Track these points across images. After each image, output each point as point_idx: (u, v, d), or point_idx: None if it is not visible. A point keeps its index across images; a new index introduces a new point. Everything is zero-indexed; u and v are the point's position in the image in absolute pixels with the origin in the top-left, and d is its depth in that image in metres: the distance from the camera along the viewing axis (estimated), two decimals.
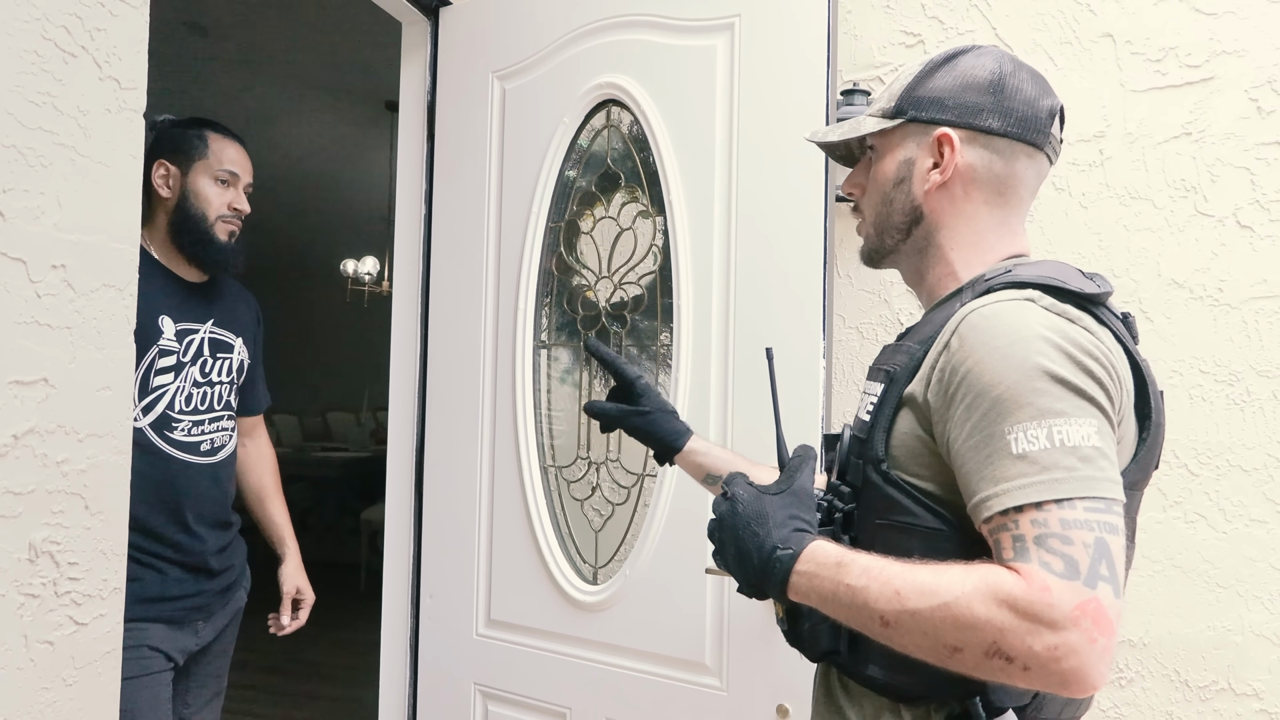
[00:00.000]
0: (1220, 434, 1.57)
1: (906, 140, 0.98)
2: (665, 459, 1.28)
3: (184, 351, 1.70)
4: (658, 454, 1.28)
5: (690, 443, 1.26)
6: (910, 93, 0.97)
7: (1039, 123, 0.94)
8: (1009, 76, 0.94)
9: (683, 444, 1.26)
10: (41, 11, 1.02)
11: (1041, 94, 0.95)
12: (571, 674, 1.79)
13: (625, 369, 1.27)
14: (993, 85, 0.94)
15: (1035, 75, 0.96)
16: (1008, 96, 0.94)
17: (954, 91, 0.95)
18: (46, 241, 1.03)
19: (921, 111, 0.96)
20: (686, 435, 1.27)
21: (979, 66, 0.95)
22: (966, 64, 0.96)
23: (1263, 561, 1.54)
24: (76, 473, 1.08)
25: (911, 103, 0.97)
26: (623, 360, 1.28)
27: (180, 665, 1.70)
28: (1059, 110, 0.96)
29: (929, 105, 0.96)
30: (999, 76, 0.94)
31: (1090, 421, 0.77)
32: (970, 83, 0.95)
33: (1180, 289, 1.61)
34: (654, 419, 1.26)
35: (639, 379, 1.27)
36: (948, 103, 0.95)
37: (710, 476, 1.26)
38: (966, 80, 0.95)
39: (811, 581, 0.83)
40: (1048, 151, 0.97)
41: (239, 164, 1.77)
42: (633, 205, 1.83)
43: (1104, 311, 0.88)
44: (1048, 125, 0.95)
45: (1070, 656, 0.69)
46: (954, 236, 0.97)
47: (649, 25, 1.75)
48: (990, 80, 0.94)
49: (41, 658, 1.05)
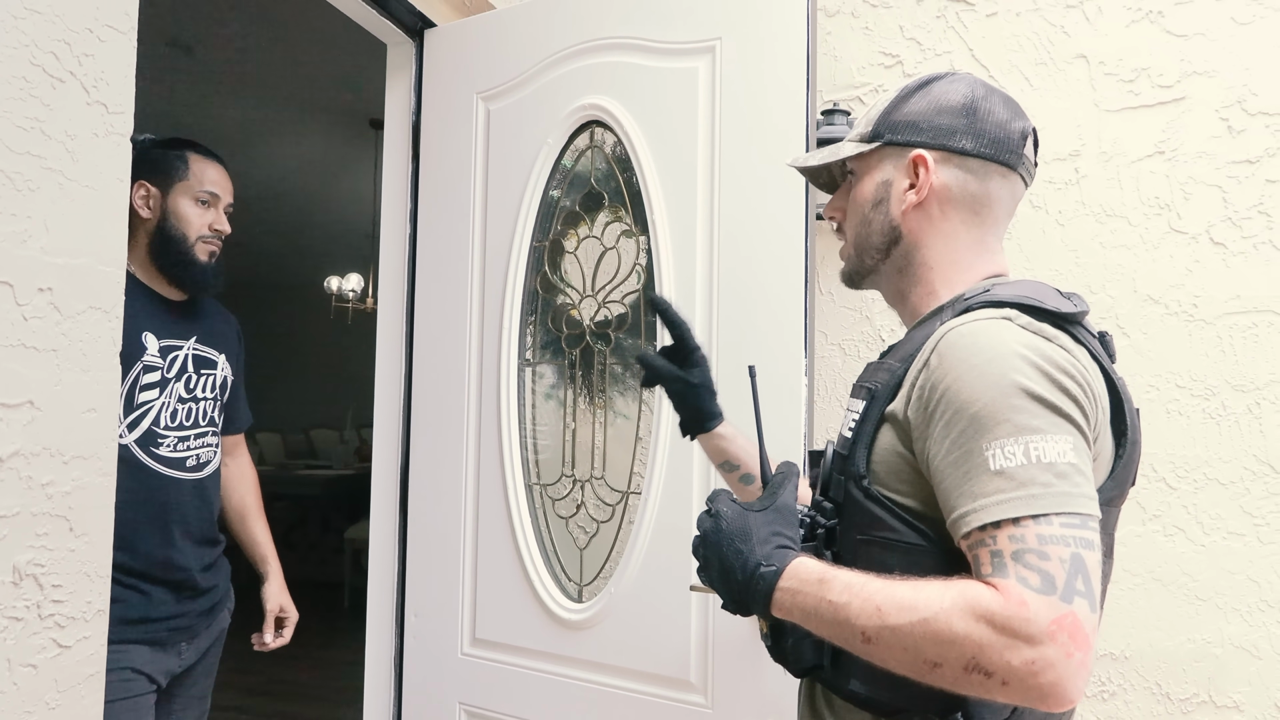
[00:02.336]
0: (1197, 448, 1.60)
1: (883, 163, 1.01)
2: (691, 432, 1.28)
3: (168, 368, 1.70)
4: (686, 425, 1.29)
5: (720, 427, 1.27)
6: (886, 117, 1.00)
7: (1011, 143, 0.97)
8: (981, 100, 0.97)
9: (714, 426, 1.27)
10: (30, 38, 1.03)
11: (1013, 117, 0.98)
12: (557, 692, 1.79)
13: (689, 335, 1.27)
14: (965, 108, 0.97)
15: (1007, 99, 0.99)
16: (980, 119, 0.96)
17: (928, 115, 0.98)
18: (34, 265, 1.04)
19: (897, 135, 0.99)
20: (719, 419, 1.28)
21: (952, 91, 0.98)
22: (940, 89, 0.99)
23: (1241, 574, 1.56)
24: (61, 495, 1.08)
25: (888, 126, 1.00)
26: (688, 326, 1.27)
27: (163, 687, 1.69)
28: (1031, 132, 0.99)
29: (904, 129, 0.99)
30: (971, 100, 0.97)
31: (1066, 439, 0.78)
32: (944, 106, 0.97)
33: (1156, 305, 1.63)
34: (698, 390, 1.26)
35: (698, 350, 1.27)
36: (922, 125, 0.98)
37: (729, 463, 1.27)
38: (940, 104, 0.98)
39: (794, 598, 0.84)
40: (1021, 172, 0.99)
41: (219, 184, 1.77)
42: (616, 224, 1.85)
43: (1080, 330, 0.89)
44: (1020, 146, 0.97)
45: (1047, 671, 0.70)
46: (932, 255, 0.99)
47: (632, 48, 1.78)
48: (963, 104, 0.97)
49: (25, 681, 1.04)
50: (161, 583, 1.66)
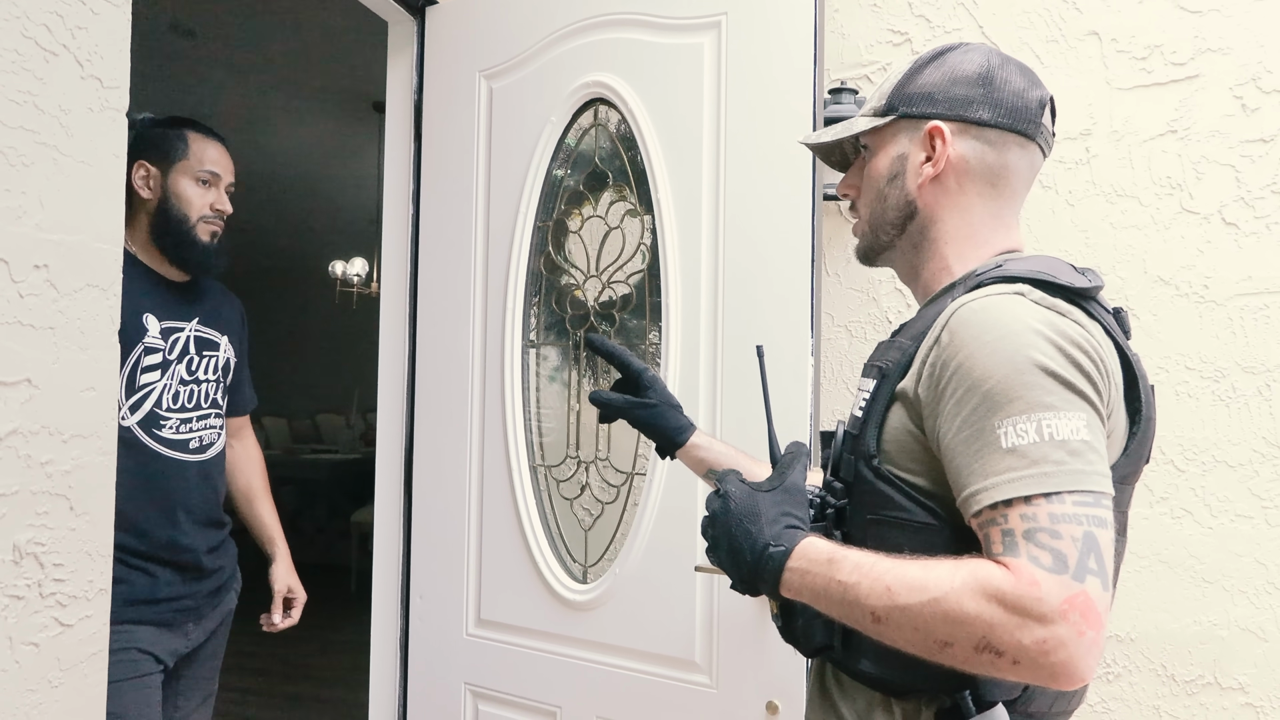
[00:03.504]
0: (1206, 430, 1.58)
1: (899, 136, 0.99)
2: (667, 453, 1.27)
3: (170, 349, 1.69)
4: (660, 447, 1.27)
5: (693, 438, 1.26)
6: (900, 90, 0.98)
7: (1029, 113, 0.95)
8: (997, 69, 0.95)
9: (685, 439, 1.25)
10: (21, 10, 1.01)
11: (1030, 85, 0.96)
12: (562, 673, 1.79)
13: (631, 361, 1.26)
14: (981, 78, 0.95)
15: (1023, 68, 0.97)
16: (997, 88, 0.95)
17: (943, 86, 0.96)
18: (28, 242, 1.03)
19: (912, 107, 0.97)
20: (690, 430, 1.26)
21: (967, 61, 0.96)
22: (955, 59, 0.97)
23: (1248, 556, 1.55)
24: (61, 474, 1.07)
25: (902, 99, 0.98)
26: (628, 353, 1.27)
27: (170, 668, 1.69)
28: (1049, 101, 0.97)
29: (919, 100, 0.97)
30: (987, 69, 0.95)
31: (1079, 415, 0.77)
32: (959, 77, 0.96)
33: (1166, 286, 1.61)
34: (659, 411, 1.25)
35: (645, 371, 1.26)
36: (937, 97, 0.96)
37: (712, 472, 1.24)
38: (955, 74, 0.96)
39: (804, 578, 0.84)
40: (1039, 142, 0.97)
41: (220, 164, 1.75)
42: (621, 204, 1.83)
43: (1094, 306, 0.88)
44: (1038, 115, 0.96)
45: (1059, 650, 0.70)
46: (948, 230, 0.98)
47: (635, 23, 1.75)
48: (979, 73, 0.95)
49: (26, 660, 1.04)
50: (167, 564, 1.66)
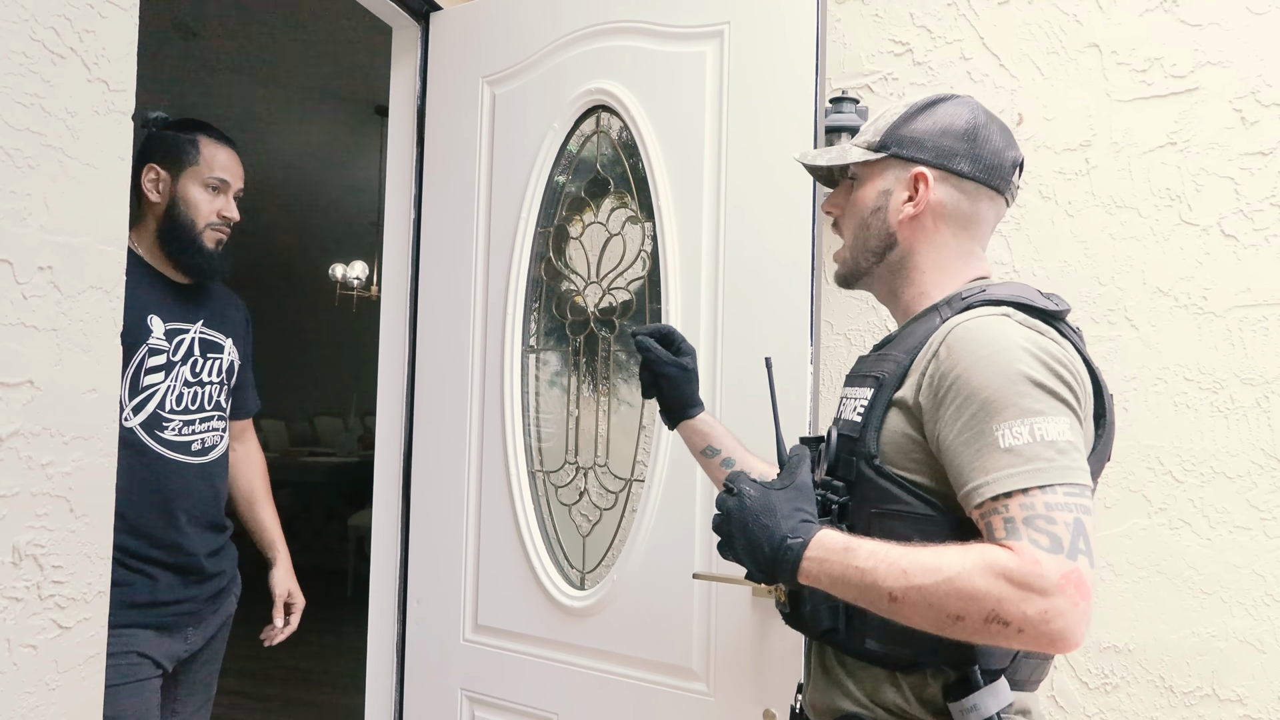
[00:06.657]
0: (1204, 441, 1.59)
1: (886, 173, 1.10)
2: (674, 420, 1.38)
3: (174, 351, 1.69)
4: (670, 413, 1.38)
5: (702, 414, 1.38)
6: (894, 131, 1.09)
7: (1003, 171, 1.08)
8: (982, 127, 1.07)
9: (696, 413, 1.37)
10: (30, 13, 1.02)
11: (1007, 146, 1.08)
12: (559, 679, 1.79)
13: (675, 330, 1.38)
14: (968, 133, 1.07)
15: (1004, 128, 1.09)
16: (979, 145, 1.06)
17: (933, 135, 1.07)
18: (33, 243, 1.03)
19: (903, 149, 1.08)
20: (702, 407, 1.38)
21: (957, 115, 1.08)
22: (946, 111, 1.08)
23: (1246, 568, 1.55)
24: (61, 475, 1.07)
25: (894, 140, 1.09)
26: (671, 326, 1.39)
27: (169, 672, 1.69)
28: (1020, 162, 1.10)
29: (910, 144, 1.08)
30: (974, 126, 1.07)
31: (1064, 419, 0.89)
32: (948, 129, 1.07)
33: (1165, 297, 1.62)
34: (689, 376, 1.36)
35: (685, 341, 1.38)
36: (927, 144, 1.07)
37: (710, 448, 1.36)
38: (945, 126, 1.07)
39: (821, 566, 0.92)
40: (1007, 196, 1.10)
41: (230, 170, 1.75)
42: (622, 211, 1.84)
43: (1064, 326, 1.01)
44: (1010, 174, 1.09)
45: (1058, 619, 0.80)
46: (924, 261, 1.10)
47: (639, 31, 1.76)
48: (966, 129, 1.07)
49: (24, 662, 1.04)
50: (168, 567, 1.65)
